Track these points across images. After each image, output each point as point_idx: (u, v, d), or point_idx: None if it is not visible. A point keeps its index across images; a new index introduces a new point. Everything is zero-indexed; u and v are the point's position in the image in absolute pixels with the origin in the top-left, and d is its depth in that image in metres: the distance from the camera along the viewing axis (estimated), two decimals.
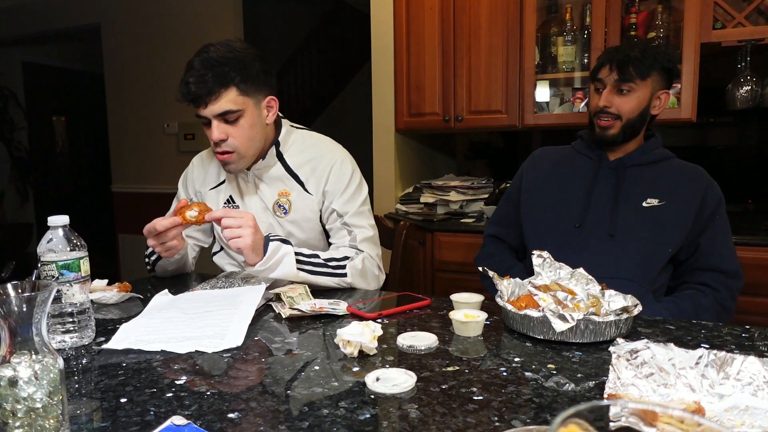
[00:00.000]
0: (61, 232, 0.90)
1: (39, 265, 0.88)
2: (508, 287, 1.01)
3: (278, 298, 1.12)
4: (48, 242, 0.89)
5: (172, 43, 4.32)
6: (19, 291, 0.61)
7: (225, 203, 1.44)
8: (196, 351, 0.88)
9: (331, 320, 1.05)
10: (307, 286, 1.16)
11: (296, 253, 1.22)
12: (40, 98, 5.58)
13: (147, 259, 1.43)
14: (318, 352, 0.88)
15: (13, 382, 0.58)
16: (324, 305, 1.09)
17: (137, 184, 4.60)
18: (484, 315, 0.95)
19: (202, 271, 1.53)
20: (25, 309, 0.59)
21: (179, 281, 1.41)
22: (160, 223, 1.21)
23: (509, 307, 0.92)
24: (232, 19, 4.13)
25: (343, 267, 1.28)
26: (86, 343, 0.93)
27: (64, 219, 0.90)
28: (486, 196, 2.67)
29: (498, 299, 0.98)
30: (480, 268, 1.11)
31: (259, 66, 1.28)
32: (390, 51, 2.82)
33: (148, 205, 4.54)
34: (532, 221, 1.47)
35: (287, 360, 0.85)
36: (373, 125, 2.92)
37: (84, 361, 0.86)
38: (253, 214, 1.19)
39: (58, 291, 0.89)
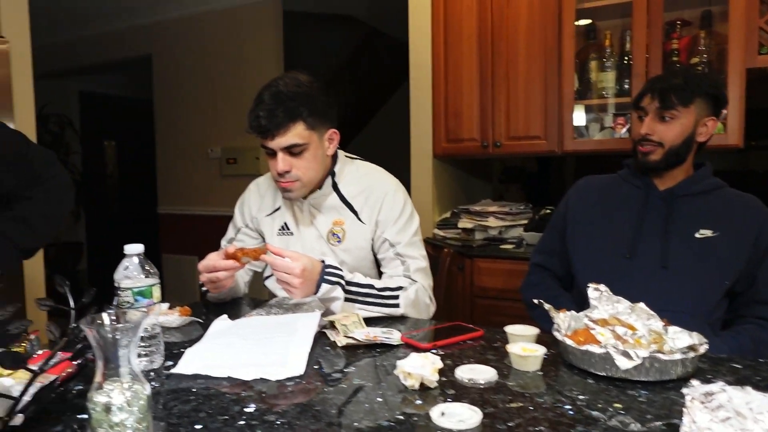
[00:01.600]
0: (135, 260, 0.96)
1: (116, 291, 0.94)
2: (564, 320, 1.02)
3: (332, 325, 1.15)
4: (124, 269, 0.95)
5: (217, 72, 4.48)
6: (113, 320, 0.66)
7: (279, 230, 1.48)
8: (260, 378, 0.91)
9: (386, 349, 1.07)
10: (359, 314, 1.19)
11: (352, 282, 1.25)
12: (93, 124, 5.85)
13: (202, 287, 1.48)
14: (378, 383, 0.91)
15: (107, 408, 0.62)
16: (378, 334, 1.11)
17: (181, 206, 4.74)
18: (542, 349, 0.96)
19: (254, 294, 1.57)
20: (118, 337, 0.64)
21: (234, 305, 1.46)
22: (220, 264, 1.26)
23: (569, 342, 0.93)
24: (273, 49, 4.28)
25: (396, 297, 1.30)
26: (156, 367, 0.97)
27: (138, 248, 0.96)
28: (525, 222, 2.67)
29: (555, 333, 0.99)
30: (535, 301, 1.12)
31: (324, 100, 1.34)
32: (428, 78, 2.87)
33: (192, 227, 4.68)
34: (579, 251, 1.47)
35: (349, 390, 0.88)
36: (411, 151, 2.97)
37: (155, 385, 0.90)
38: (305, 256, 1.21)
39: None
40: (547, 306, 1.06)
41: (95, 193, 5.93)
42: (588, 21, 2.52)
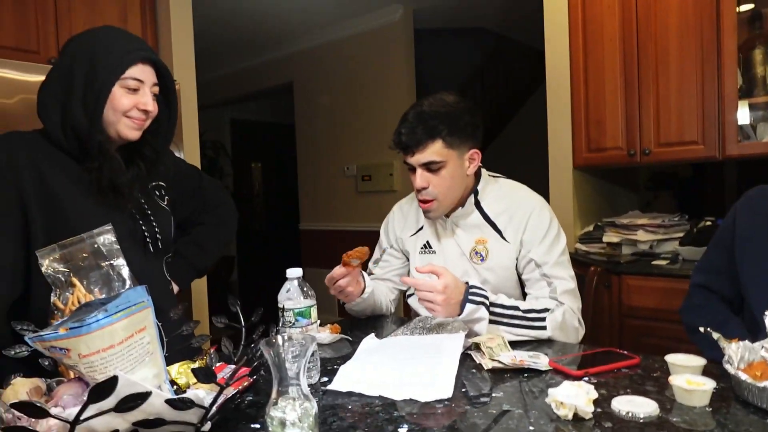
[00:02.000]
0: (296, 282, 1.04)
1: (280, 312, 1.03)
2: (737, 351, 0.92)
3: (477, 347, 1.15)
4: (287, 292, 1.04)
5: (352, 93, 4.71)
6: (286, 342, 0.72)
7: (422, 248, 1.52)
8: (410, 398, 0.94)
9: (533, 374, 1.05)
10: (504, 336, 1.17)
11: (496, 304, 1.25)
12: (242, 148, 6.45)
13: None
14: (527, 409, 0.89)
15: (282, 423, 0.68)
16: (524, 358, 1.09)
17: (321, 222, 5.03)
18: (711, 383, 0.88)
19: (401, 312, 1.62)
20: (290, 357, 0.70)
21: (379, 324, 1.51)
22: (335, 273, 1.36)
23: (743, 376, 0.84)
24: (405, 66, 4.40)
25: (543, 320, 1.27)
26: (313, 382, 1.04)
27: (298, 272, 1.04)
28: (681, 235, 2.44)
29: (727, 366, 0.90)
30: (701, 328, 1.03)
31: (468, 119, 1.36)
32: (566, 85, 2.76)
33: (330, 241, 4.94)
34: (751, 273, 1.32)
35: (497, 415, 0.87)
36: (549, 162, 2.87)
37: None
38: (450, 273, 1.23)
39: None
40: (715, 335, 0.97)
41: (244, 211, 6.48)
42: (750, 6, 2.26)
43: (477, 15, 4.73)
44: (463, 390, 0.98)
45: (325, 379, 1.06)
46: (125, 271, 1.02)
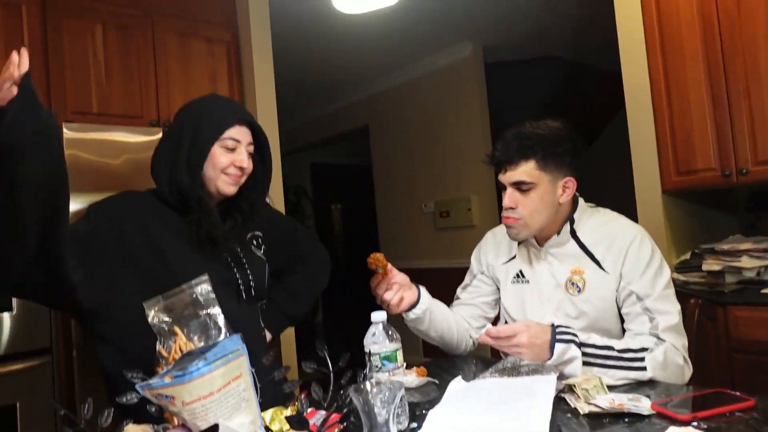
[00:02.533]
0: (381, 326, 1.05)
1: (367, 357, 1.04)
2: None
3: (571, 389, 1.10)
4: (372, 335, 1.05)
5: (426, 131, 4.78)
6: (374, 389, 0.73)
7: (514, 277, 1.49)
8: None
9: (636, 419, 0.98)
10: (601, 377, 1.12)
11: (588, 344, 1.19)
12: (322, 191, 6.68)
13: None
14: None
15: None
16: (623, 401, 1.03)
17: (402, 261, 5.05)
18: None
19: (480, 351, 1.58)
20: (379, 403, 0.71)
21: (465, 365, 1.48)
22: (372, 284, 1.41)
23: None
24: (477, 101, 4.41)
25: (641, 360, 1.19)
26: (402, 428, 1.03)
27: (382, 315, 1.06)
28: None
29: None
30: None
31: (568, 147, 1.35)
32: (647, 108, 2.65)
33: (412, 279, 4.92)
34: None
35: None
36: (635, 188, 2.74)
37: None
38: (529, 324, 1.19)
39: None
40: None
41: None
42: None
43: (548, 44, 4.69)
44: None
45: (414, 424, 1.05)
46: (221, 320, 1.08)
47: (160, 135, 2.44)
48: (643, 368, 1.19)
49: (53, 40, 2.35)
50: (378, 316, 1.05)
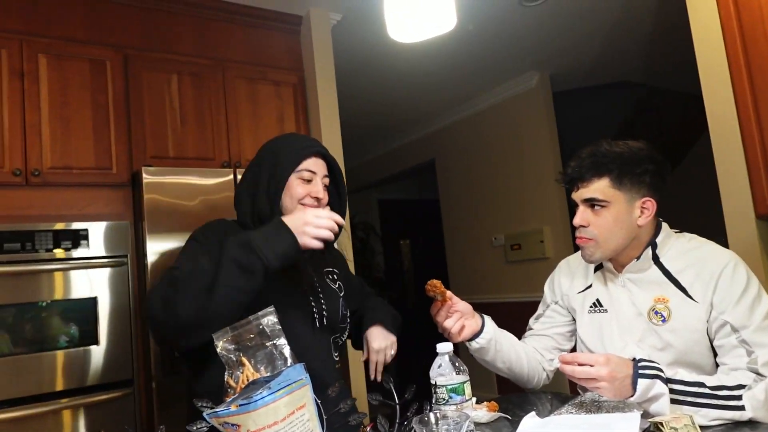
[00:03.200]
0: (447, 357, 1.02)
1: (433, 389, 1.01)
2: None
3: (657, 428, 1.01)
4: (438, 367, 1.02)
5: (494, 163, 4.73)
6: (440, 420, 0.70)
7: (591, 307, 1.40)
8: None
9: None
10: (692, 416, 1.02)
11: (675, 380, 1.09)
12: (390, 227, 6.72)
13: None
14: None
15: None
16: None
17: (472, 295, 4.94)
18: None
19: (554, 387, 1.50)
20: None
21: (539, 400, 1.41)
22: (432, 312, 1.38)
23: None
24: (546, 130, 4.33)
25: (738, 398, 1.07)
26: None
27: (449, 346, 1.02)
28: None
29: None
30: None
31: (649, 167, 1.28)
32: (734, 129, 2.47)
33: (483, 313, 4.80)
34: None
35: None
36: (724, 215, 2.55)
37: None
38: (609, 357, 1.10)
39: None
40: None
41: (395, 287, 6.66)
42: None
43: (618, 69, 4.56)
44: None
45: None
46: (287, 350, 1.08)
47: (230, 177, 2.57)
48: (741, 407, 1.07)
49: (134, 91, 2.55)
50: (444, 347, 1.02)
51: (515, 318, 2.18)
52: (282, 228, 1.13)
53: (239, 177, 2.58)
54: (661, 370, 1.09)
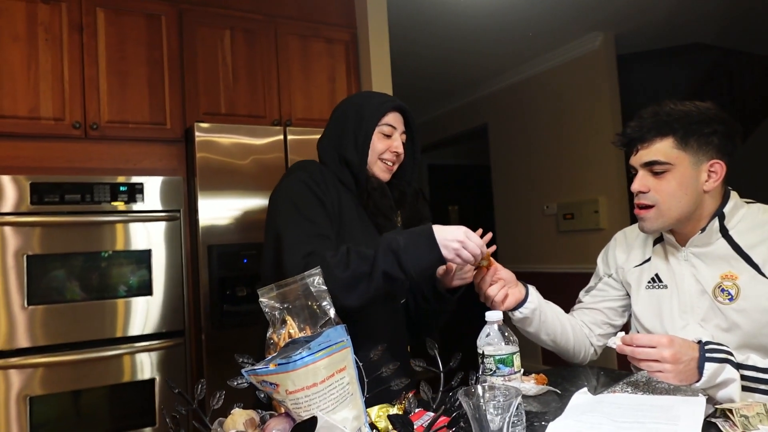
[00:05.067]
0: (496, 327, 0.97)
1: (480, 359, 0.96)
2: None
3: (725, 414, 0.93)
4: (486, 336, 0.97)
5: (549, 129, 4.54)
6: (486, 394, 0.66)
7: (649, 282, 1.31)
8: None
9: None
10: (766, 403, 0.93)
11: (746, 366, 1.01)
12: (440, 192, 6.63)
13: None
14: None
15: None
16: None
17: (520, 264, 4.84)
18: None
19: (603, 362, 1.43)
20: (492, 409, 0.63)
21: (592, 375, 1.35)
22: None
23: None
24: (607, 96, 4.10)
25: None
26: None
27: (498, 315, 0.97)
28: None
29: None
30: None
31: (719, 128, 1.17)
32: None
33: (531, 283, 4.70)
34: None
35: None
36: None
37: None
38: (674, 339, 1.02)
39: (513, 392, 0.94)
40: None
41: None
42: None
43: (690, 31, 4.23)
44: None
45: None
46: (332, 312, 1.06)
47: (281, 136, 2.56)
48: None
49: (188, 46, 2.55)
50: (494, 316, 0.97)
51: (565, 289, 2.11)
52: (432, 243, 1.13)
53: (290, 137, 2.57)
54: (731, 353, 1.01)
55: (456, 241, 1.12)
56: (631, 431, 0.90)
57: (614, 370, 1.39)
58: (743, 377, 1.00)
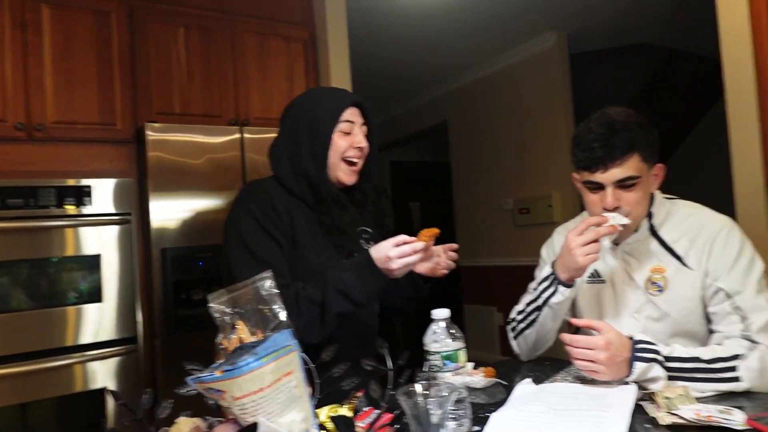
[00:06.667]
0: (443, 324, 1.01)
1: (425, 355, 1.00)
2: None
3: (651, 397, 1.00)
4: (433, 334, 1.00)
5: (506, 127, 4.64)
6: (425, 391, 0.69)
7: (590, 277, 1.37)
8: None
9: None
10: (687, 386, 1.00)
11: (672, 358, 1.08)
12: (401, 189, 6.68)
13: (516, 325, 1.41)
14: None
15: None
16: (712, 413, 0.91)
17: (479, 258, 4.94)
18: None
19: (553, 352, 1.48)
20: (432, 405, 0.66)
21: (537, 367, 1.40)
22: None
23: None
24: (561, 94, 4.22)
25: (734, 369, 1.06)
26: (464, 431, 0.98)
27: (445, 312, 1.01)
28: None
29: None
30: None
31: (656, 133, 1.24)
32: (751, 96, 2.39)
33: (489, 277, 4.82)
34: None
35: None
36: (734, 182, 2.49)
37: None
38: (612, 329, 1.09)
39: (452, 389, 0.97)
40: None
41: None
42: None
43: (639, 31, 4.39)
44: None
45: (477, 428, 0.99)
46: (283, 315, 1.08)
47: (237, 135, 2.54)
48: (736, 378, 1.06)
49: (140, 44, 2.50)
50: (440, 313, 1.00)
51: (523, 282, 2.16)
52: (374, 270, 1.14)
53: (246, 135, 2.55)
54: (658, 353, 1.07)
55: (387, 259, 1.13)
56: (569, 419, 0.96)
57: (559, 359, 1.45)
58: (670, 369, 1.07)
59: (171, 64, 2.56)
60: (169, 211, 2.35)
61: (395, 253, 1.12)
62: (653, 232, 1.28)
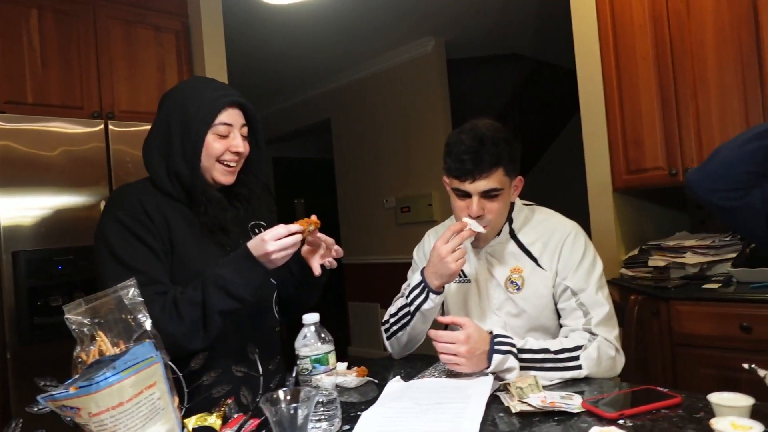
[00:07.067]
0: (313, 328, 1.03)
1: (296, 360, 1.02)
2: None
3: (506, 388, 1.10)
4: (303, 338, 1.03)
5: (388, 126, 4.76)
6: (288, 398, 0.71)
7: (458, 277, 1.48)
8: None
9: (565, 417, 0.99)
10: (536, 375, 1.12)
11: (525, 350, 1.20)
12: (285, 186, 6.60)
13: (389, 327, 1.46)
14: None
15: None
16: (556, 399, 1.03)
17: (362, 256, 5.03)
18: (759, 426, 0.80)
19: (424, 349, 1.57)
20: (293, 412, 0.68)
21: (409, 365, 1.47)
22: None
23: None
24: (439, 97, 4.41)
25: (576, 358, 1.20)
26: (335, 431, 1.02)
27: (315, 317, 1.03)
28: (733, 255, 2.30)
29: None
30: (745, 365, 0.95)
31: (518, 146, 1.34)
32: (600, 107, 2.69)
33: (372, 274, 4.93)
34: None
35: None
36: (588, 186, 2.78)
37: None
38: (473, 324, 1.18)
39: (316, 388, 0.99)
40: (761, 372, 0.89)
41: None
42: None
43: (510, 42, 4.72)
44: None
45: (347, 427, 1.03)
46: (148, 324, 1.03)
47: (101, 127, 2.37)
48: (578, 367, 1.20)
49: None
50: (310, 318, 1.03)
51: (404, 279, 2.25)
52: (253, 262, 1.10)
53: (111, 127, 2.39)
54: (514, 345, 1.19)
55: (265, 253, 1.10)
56: (432, 412, 1.03)
57: (429, 356, 1.54)
58: (523, 360, 1.19)
59: (22, 48, 2.32)
60: (20, 210, 2.13)
61: (270, 235, 1.10)
62: (513, 236, 1.42)
